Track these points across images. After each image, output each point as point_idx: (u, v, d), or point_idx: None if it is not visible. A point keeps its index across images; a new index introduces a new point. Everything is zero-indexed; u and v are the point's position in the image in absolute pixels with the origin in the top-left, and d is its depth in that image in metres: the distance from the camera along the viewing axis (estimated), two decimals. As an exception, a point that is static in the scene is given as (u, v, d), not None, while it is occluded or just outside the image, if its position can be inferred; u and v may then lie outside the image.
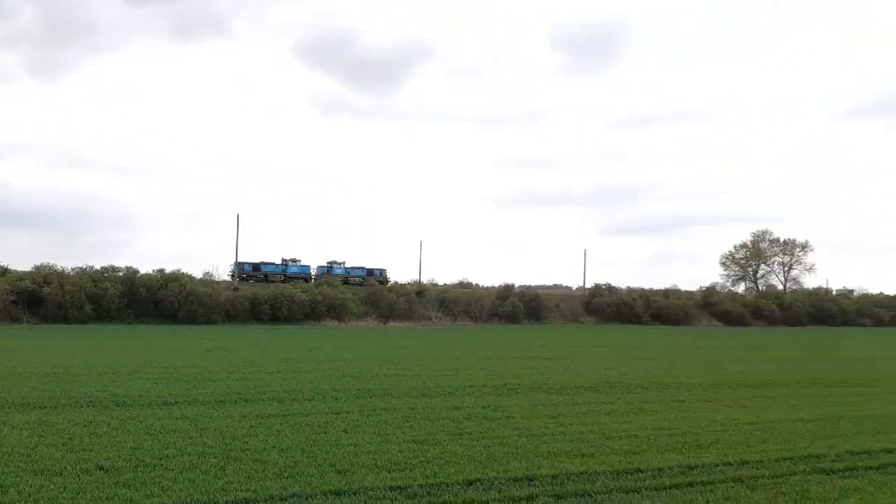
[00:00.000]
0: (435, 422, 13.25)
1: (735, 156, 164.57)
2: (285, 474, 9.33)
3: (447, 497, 8.43)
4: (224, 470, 9.52)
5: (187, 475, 9.20)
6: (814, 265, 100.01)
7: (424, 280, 78.36)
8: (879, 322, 79.33)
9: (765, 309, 77.59)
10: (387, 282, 72.32)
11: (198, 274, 58.28)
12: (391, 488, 8.72)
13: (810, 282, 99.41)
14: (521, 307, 65.75)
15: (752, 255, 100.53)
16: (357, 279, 68.97)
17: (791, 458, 10.70)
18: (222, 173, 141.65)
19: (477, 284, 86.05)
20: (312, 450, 10.73)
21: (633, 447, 11.34)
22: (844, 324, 77.55)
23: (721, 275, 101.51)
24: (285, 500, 8.32)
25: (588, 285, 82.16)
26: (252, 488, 8.69)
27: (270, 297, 55.52)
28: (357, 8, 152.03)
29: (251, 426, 12.55)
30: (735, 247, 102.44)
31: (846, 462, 10.56)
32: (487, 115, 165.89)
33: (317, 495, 8.44)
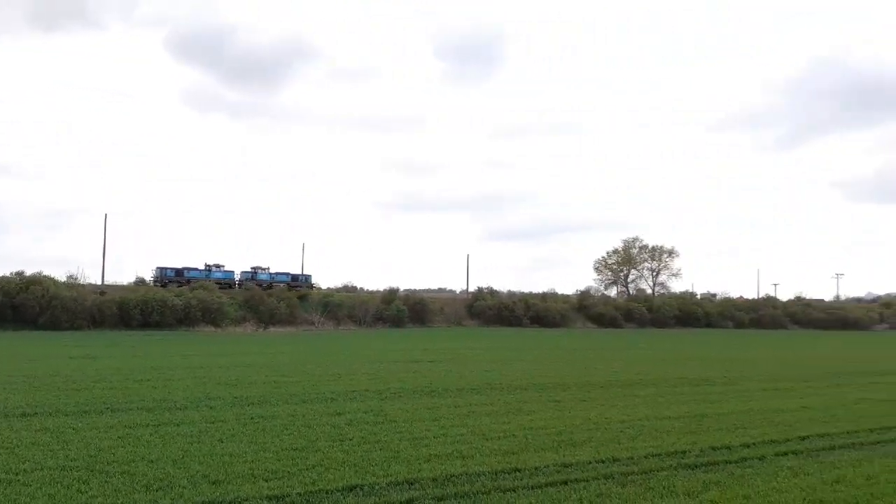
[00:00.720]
0: (315, 428, 13.03)
1: (609, 165, 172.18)
2: (155, 487, 8.90)
3: (327, 504, 8.31)
4: (88, 484, 8.97)
5: (47, 490, 8.61)
6: (680, 270, 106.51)
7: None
8: (739, 324, 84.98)
9: (635, 312, 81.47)
10: (311, 287, 72.45)
11: (62, 277, 54.87)
12: (268, 498, 8.50)
13: (677, 286, 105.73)
14: (405, 311, 65.96)
15: (624, 260, 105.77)
16: (282, 285, 68.76)
17: (658, 455, 11.25)
18: (89, 172, 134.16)
19: (362, 288, 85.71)
20: (185, 461, 10.29)
21: (511, 447, 11.59)
22: (708, 325, 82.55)
23: (595, 279, 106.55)
24: (155, 514, 7.94)
25: (471, 289, 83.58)
26: (119, 502, 8.24)
27: (141, 302, 52.93)
28: (235, 4, 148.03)
29: (118, 437, 11.90)
30: (608, 253, 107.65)
31: (709, 457, 11.21)
32: (373, 118, 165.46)
33: (189, 508, 8.11)
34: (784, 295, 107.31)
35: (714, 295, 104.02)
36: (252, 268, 70.26)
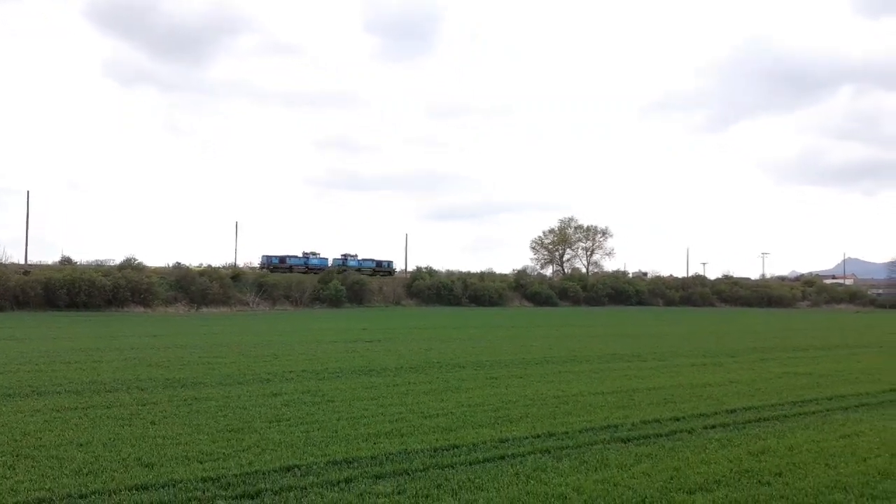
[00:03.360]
0: (251, 409, 12.86)
1: (544, 146, 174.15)
2: (84, 471, 8.64)
3: (263, 485, 8.22)
4: (13, 469, 8.65)
5: (-33, 479, 8.26)
6: (613, 250, 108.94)
7: (241, 263, 75.83)
8: (669, 302, 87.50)
9: (570, 290, 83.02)
10: (393, 272, 79.73)
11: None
12: (203, 479, 8.36)
13: (610, 265, 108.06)
14: (343, 291, 65.54)
15: (559, 240, 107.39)
16: (368, 270, 75.51)
17: (592, 429, 11.50)
18: (7, 147, 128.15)
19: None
20: (115, 444, 10.03)
21: (449, 424, 11.68)
22: (639, 303, 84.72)
23: (531, 258, 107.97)
24: (84, 497, 7.71)
25: (410, 269, 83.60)
26: (47, 487, 7.97)
27: (67, 282, 51.15)
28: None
29: (45, 421, 11.51)
30: (544, 232, 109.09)
31: (640, 430, 11.53)
32: (305, 94, 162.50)
33: (120, 491, 7.91)
34: (712, 273, 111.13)
35: (645, 274, 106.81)
36: (342, 254, 77.15)
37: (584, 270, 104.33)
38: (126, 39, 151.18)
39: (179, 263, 65.99)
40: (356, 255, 77.90)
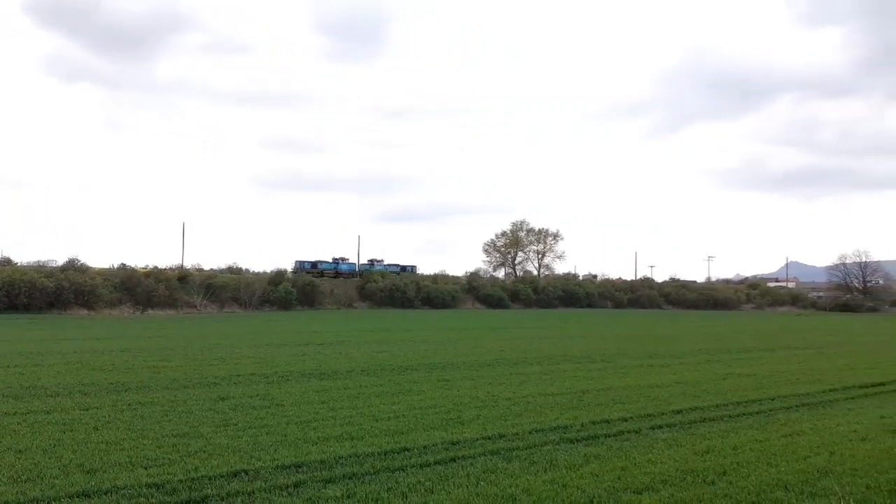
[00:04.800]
0: (197, 414, 12.63)
1: (496, 149, 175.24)
2: (24, 478, 8.37)
3: (209, 490, 8.08)
4: (-55, 480, 8.33)
5: None
6: (564, 253, 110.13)
7: (188, 265, 74.52)
8: (618, 304, 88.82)
9: (521, 293, 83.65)
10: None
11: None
12: (147, 486, 8.17)
13: (561, 268, 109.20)
14: (294, 293, 64.81)
15: (511, 243, 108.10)
16: (394, 274, 79.29)
17: (542, 430, 11.60)
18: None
19: (247, 270, 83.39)
20: (56, 450, 9.74)
21: (400, 427, 11.65)
22: (589, 306, 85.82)
23: (484, 261, 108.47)
24: (22, 507, 7.47)
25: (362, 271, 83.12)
26: (-19, 497, 7.70)
27: (7, 283, 49.52)
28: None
29: (-20, 428, 11.11)
30: (496, 235, 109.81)
31: (589, 431, 11.67)
32: (250, 93, 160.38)
33: (61, 498, 7.68)
34: (660, 276, 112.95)
35: (595, 276, 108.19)
36: (369, 260, 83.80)
37: (535, 273, 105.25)
38: (68, 36, 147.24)
39: (125, 265, 64.52)
40: (382, 261, 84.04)
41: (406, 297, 72.62)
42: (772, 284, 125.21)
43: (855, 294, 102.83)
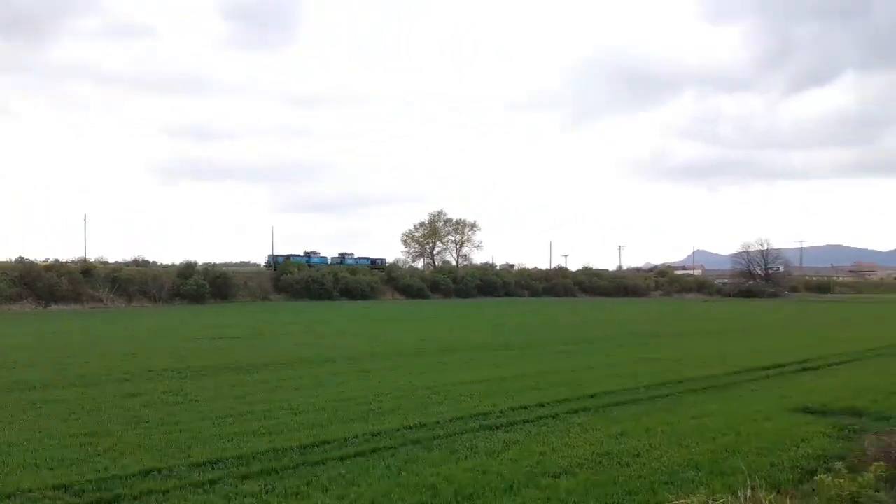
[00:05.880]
0: (107, 412, 12.15)
1: (412, 139, 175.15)
2: (-87, 487, 7.85)
3: (121, 490, 7.78)
4: None
5: None
6: (481, 243, 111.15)
7: (92, 258, 71.43)
8: (534, 293, 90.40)
9: (441, 283, 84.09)
10: (385, 269, 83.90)
11: None
12: (54, 487, 7.80)
13: (478, 257, 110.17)
14: (205, 286, 63.07)
15: (430, 233, 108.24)
16: (365, 267, 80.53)
17: (462, 418, 11.70)
18: None
19: (155, 262, 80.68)
20: (-49, 455, 9.17)
21: (320, 420, 11.52)
22: (506, 294, 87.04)
23: (402, 251, 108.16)
24: (-87, 517, 7.02)
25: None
26: None
27: None
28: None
29: None
30: (414, 226, 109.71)
31: (508, 417, 11.84)
32: (155, 79, 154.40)
33: (-44, 507, 7.26)
34: (574, 265, 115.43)
35: (512, 266, 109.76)
36: (340, 254, 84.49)
37: (454, 263, 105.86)
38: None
39: (23, 258, 61.32)
40: (353, 254, 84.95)
41: (324, 288, 71.71)
42: (679, 272, 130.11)
43: (757, 280, 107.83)
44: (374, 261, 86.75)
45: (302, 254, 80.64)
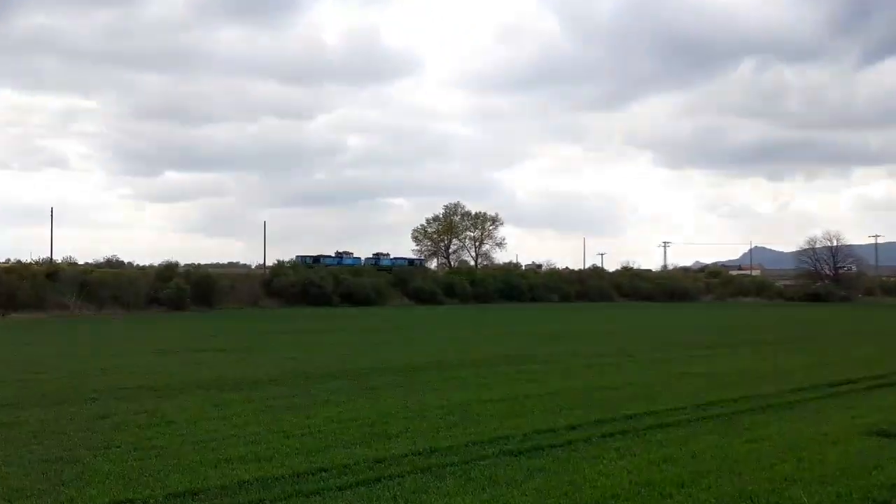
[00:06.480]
0: (73, 435, 12.27)
1: (424, 125, 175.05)
2: None
3: (88, 525, 7.87)
4: None
5: None
6: (504, 240, 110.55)
7: (59, 258, 72.15)
8: (565, 297, 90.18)
9: (457, 286, 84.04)
10: (425, 269, 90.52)
11: None
12: (12, 523, 7.91)
13: (501, 257, 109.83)
14: (187, 290, 63.50)
15: (445, 229, 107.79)
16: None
17: (480, 442, 11.70)
18: None
19: (131, 263, 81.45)
20: None
21: (316, 444, 11.57)
22: (533, 299, 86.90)
23: (413, 250, 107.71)
24: None
25: (270, 263, 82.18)
26: None
27: None
28: None
29: None
30: (427, 220, 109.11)
31: (533, 441, 11.82)
32: (131, 52, 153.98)
33: None
34: (611, 265, 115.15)
35: (539, 266, 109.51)
36: (374, 254, 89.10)
37: (472, 263, 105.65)
38: None
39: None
40: (388, 255, 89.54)
41: (322, 292, 71.90)
42: (734, 272, 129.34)
43: (826, 282, 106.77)
44: (411, 261, 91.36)
45: (333, 254, 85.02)
